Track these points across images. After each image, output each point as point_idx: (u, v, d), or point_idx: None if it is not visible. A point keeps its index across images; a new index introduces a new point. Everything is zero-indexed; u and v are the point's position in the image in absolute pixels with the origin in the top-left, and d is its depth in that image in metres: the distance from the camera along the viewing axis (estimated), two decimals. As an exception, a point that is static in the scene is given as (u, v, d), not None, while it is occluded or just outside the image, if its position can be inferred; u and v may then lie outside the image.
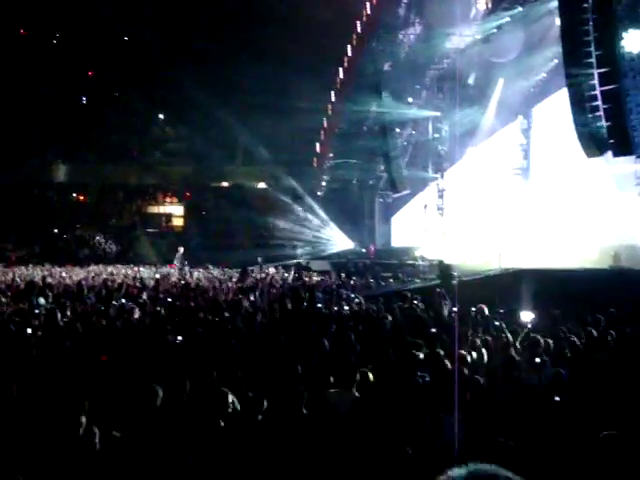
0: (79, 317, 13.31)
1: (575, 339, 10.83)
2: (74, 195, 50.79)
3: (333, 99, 40.66)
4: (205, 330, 11.87)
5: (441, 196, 37.77)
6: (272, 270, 31.03)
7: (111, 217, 49.84)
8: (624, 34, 21.98)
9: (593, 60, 22.16)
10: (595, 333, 11.42)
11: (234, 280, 25.28)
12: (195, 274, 28.65)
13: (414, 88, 36.60)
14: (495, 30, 30.20)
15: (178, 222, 50.98)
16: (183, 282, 23.54)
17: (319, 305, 15.49)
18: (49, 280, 22.22)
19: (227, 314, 13.91)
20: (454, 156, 37.55)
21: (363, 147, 40.09)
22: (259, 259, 33.41)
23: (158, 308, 15.19)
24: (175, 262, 32.38)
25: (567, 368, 8.95)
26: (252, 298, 17.22)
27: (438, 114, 36.57)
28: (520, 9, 28.94)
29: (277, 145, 42.49)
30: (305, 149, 43.43)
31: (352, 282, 25.36)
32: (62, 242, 46.10)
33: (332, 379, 8.37)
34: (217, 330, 11.84)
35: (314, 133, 42.94)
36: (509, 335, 11.17)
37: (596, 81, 22.24)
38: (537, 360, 9.29)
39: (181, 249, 32.96)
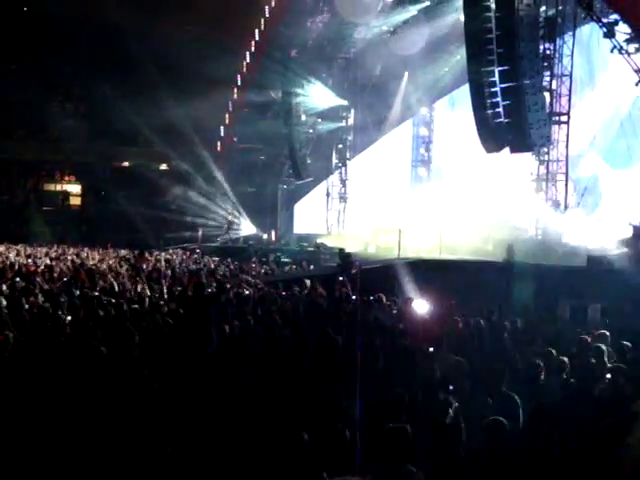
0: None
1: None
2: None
3: (239, 83, 40.39)
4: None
5: (344, 185, 38.12)
6: (180, 253, 30.80)
7: (3, 194, 48.04)
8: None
9: (494, 58, 22.74)
10: (487, 323, 11.77)
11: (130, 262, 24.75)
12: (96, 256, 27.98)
13: (321, 76, 36.71)
14: (402, 23, 30.67)
15: (75, 201, 49.61)
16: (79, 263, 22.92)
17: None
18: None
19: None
20: (359, 145, 37.94)
21: (268, 133, 39.99)
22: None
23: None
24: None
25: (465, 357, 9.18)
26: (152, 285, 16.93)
27: (344, 103, 36.83)
28: (427, 3, 29.46)
29: (180, 127, 41.87)
30: (209, 133, 42.95)
31: (253, 267, 25.33)
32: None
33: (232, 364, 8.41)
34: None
35: (219, 117, 42.52)
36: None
37: (497, 78, 22.84)
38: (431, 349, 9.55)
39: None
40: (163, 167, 48.48)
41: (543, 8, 25.34)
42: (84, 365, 7.95)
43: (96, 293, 13.93)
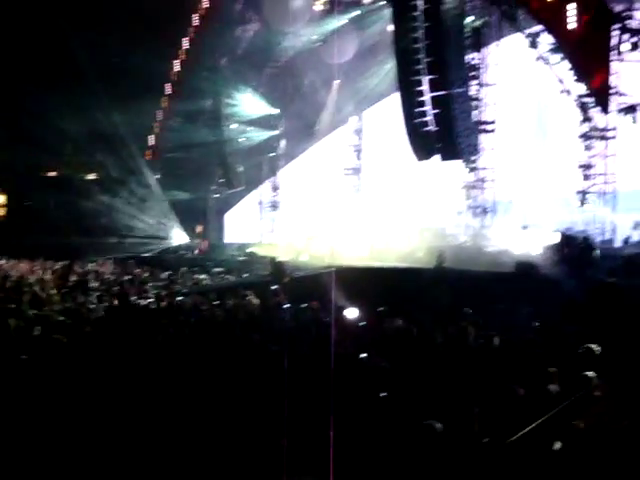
0: None
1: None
2: None
3: (169, 91, 39.95)
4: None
5: (276, 193, 38.08)
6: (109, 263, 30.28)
7: None
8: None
9: (423, 67, 23.03)
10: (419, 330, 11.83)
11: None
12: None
13: (251, 84, 36.57)
14: (331, 32, 30.83)
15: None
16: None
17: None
18: None
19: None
20: (290, 154, 37.94)
21: (198, 141, 39.62)
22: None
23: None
24: None
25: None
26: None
27: (275, 111, 36.78)
28: (356, 12, 29.70)
29: (110, 135, 41.19)
30: (139, 141, 42.36)
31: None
32: None
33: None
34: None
35: (149, 124, 41.97)
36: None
37: (426, 87, 23.13)
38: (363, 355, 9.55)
39: None
40: (92, 176, 47.60)
41: (469, 19, 25.83)
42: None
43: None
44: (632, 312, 12.99)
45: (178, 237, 42.12)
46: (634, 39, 22.68)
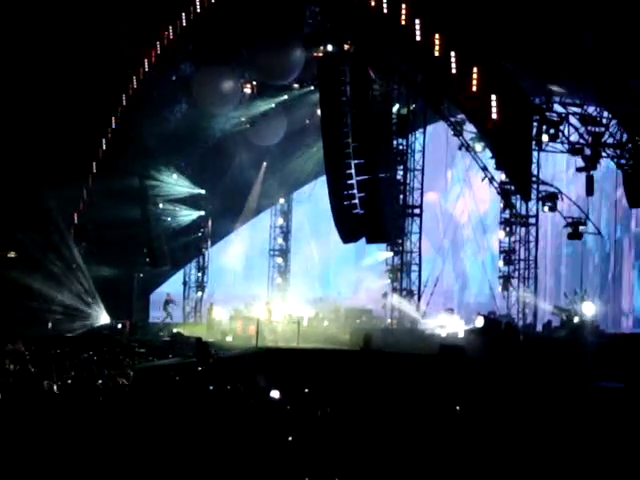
0: None
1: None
2: None
3: (94, 170, 39.58)
4: None
5: (203, 273, 37.78)
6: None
7: None
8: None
9: (350, 151, 23.45)
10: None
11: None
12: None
13: (179, 165, 36.52)
14: (260, 115, 31.25)
15: None
16: None
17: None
18: None
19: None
20: (217, 234, 37.81)
21: (124, 220, 39.13)
22: None
23: None
24: None
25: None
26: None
27: (202, 192, 36.71)
28: (284, 97, 30.21)
29: (32, 214, 40.42)
30: (63, 219, 41.67)
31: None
32: None
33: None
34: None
35: (73, 203, 41.38)
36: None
37: (353, 171, 23.49)
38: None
39: None
40: (11, 255, 46.42)
41: (396, 106, 26.53)
42: None
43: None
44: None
45: (101, 316, 41.11)
46: (552, 130, 23.60)
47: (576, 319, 23.30)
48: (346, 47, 25.48)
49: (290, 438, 9.38)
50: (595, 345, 19.25)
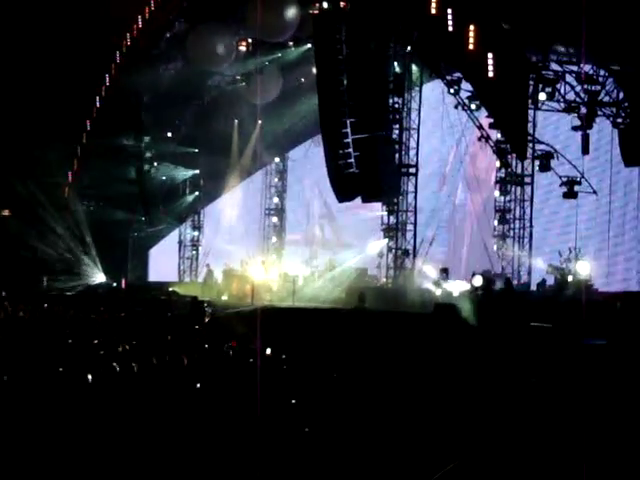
0: None
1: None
2: None
3: (89, 128, 39.33)
4: None
5: (198, 231, 37.85)
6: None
7: None
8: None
9: (346, 109, 23.34)
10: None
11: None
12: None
13: (174, 123, 36.35)
14: (255, 73, 31.04)
15: None
16: None
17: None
18: None
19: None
20: (212, 193, 37.78)
21: (119, 179, 39.03)
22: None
23: None
24: None
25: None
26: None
27: (195, 150, 36.61)
28: (279, 54, 30.03)
29: (25, 171, 40.25)
30: (58, 178, 41.50)
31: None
32: None
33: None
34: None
35: (67, 162, 41.18)
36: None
37: (348, 129, 23.41)
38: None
39: None
40: (5, 213, 46.34)
41: (392, 65, 26.39)
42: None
43: None
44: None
45: (97, 275, 41.21)
46: (549, 89, 23.49)
47: (570, 278, 23.45)
48: (342, 4, 25.20)
49: (288, 396, 9.50)
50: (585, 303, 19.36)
